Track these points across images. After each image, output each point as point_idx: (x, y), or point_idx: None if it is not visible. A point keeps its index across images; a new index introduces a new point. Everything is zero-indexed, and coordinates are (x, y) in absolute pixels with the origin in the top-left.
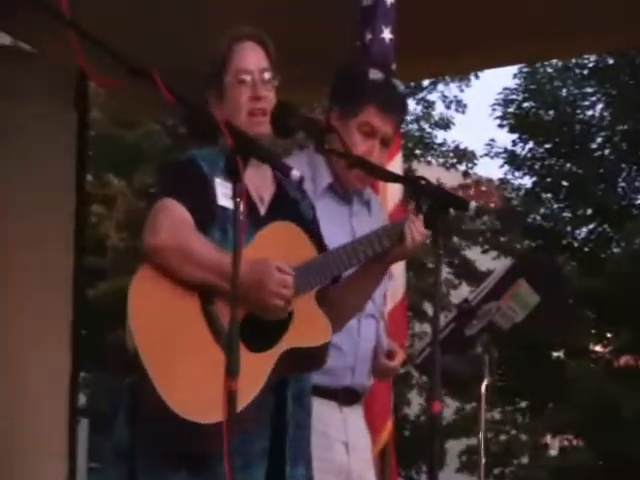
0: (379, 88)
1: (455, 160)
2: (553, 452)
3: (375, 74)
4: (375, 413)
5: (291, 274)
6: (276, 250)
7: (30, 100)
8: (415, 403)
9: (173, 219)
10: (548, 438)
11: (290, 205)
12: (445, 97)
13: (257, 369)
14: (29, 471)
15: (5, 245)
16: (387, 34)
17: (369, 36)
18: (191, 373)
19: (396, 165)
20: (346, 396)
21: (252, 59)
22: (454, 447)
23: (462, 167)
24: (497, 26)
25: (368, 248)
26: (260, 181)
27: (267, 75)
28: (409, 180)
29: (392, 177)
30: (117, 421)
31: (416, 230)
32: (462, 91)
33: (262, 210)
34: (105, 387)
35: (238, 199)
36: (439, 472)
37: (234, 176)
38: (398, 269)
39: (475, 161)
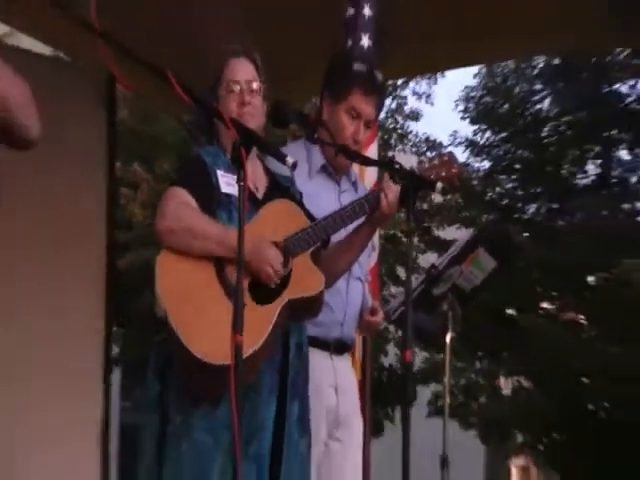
0: (363, 77)
1: (425, 148)
2: (506, 392)
3: (359, 66)
4: None
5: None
6: (276, 222)
7: (68, 100)
8: (392, 354)
9: (177, 204)
10: (502, 381)
11: (282, 190)
12: (415, 92)
13: (264, 318)
14: (71, 407)
15: (51, 223)
16: (366, 41)
17: (350, 42)
18: (210, 324)
19: (372, 151)
20: (337, 346)
21: (240, 72)
22: (424, 393)
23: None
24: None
25: (352, 214)
26: (255, 176)
27: (254, 85)
28: (385, 164)
29: (371, 161)
30: (148, 376)
31: (389, 191)
32: (430, 88)
33: (259, 196)
34: (132, 341)
35: (242, 183)
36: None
37: (237, 164)
38: (374, 239)
39: (442, 150)
